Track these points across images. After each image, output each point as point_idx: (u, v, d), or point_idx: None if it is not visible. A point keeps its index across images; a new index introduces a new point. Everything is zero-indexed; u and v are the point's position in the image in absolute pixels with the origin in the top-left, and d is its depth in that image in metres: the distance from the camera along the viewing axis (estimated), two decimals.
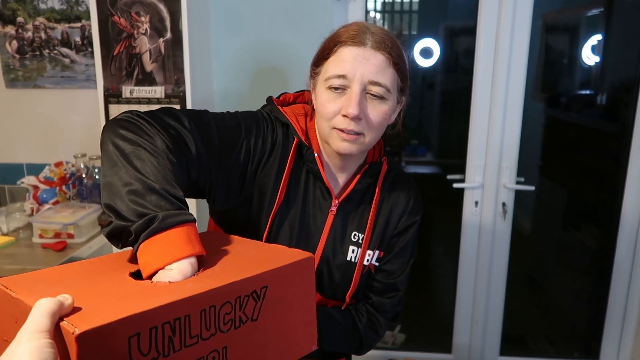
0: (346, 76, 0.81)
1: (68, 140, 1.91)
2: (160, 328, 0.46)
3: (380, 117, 0.84)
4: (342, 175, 0.96)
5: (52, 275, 0.56)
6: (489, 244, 1.97)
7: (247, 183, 0.87)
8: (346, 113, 0.81)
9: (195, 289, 0.51)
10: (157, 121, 0.73)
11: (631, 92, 1.86)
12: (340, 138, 0.84)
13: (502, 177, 1.89)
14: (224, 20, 1.77)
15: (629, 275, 1.95)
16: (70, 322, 0.42)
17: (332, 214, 0.93)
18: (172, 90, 1.59)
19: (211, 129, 0.81)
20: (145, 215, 0.59)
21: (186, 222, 0.61)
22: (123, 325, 0.43)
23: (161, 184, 0.62)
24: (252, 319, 0.56)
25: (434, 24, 2.20)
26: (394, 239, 1.00)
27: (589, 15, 2.08)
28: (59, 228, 1.54)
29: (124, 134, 0.68)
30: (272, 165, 0.88)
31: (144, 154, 0.66)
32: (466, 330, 2.09)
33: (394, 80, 0.84)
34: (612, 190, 2.00)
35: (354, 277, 0.96)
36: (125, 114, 0.73)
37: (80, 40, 1.84)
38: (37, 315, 0.42)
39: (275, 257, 0.64)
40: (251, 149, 0.86)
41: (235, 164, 0.84)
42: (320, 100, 0.85)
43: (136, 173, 0.63)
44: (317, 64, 0.88)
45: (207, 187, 0.82)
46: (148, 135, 0.69)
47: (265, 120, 0.90)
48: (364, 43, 0.81)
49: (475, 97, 1.84)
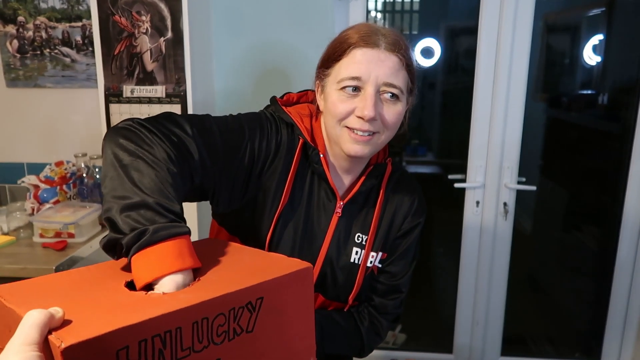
0: (361, 78, 0.81)
1: (69, 139, 1.91)
2: (150, 341, 0.45)
3: (395, 117, 0.84)
4: (348, 177, 0.95)
5: (47, 284, 0.55)
6: (490, 244, 1.96)
7: (251, 185, 0.86)
8: (362, 115, 0.81)
9: (187, 300, 0.50)
10: (159, 129, 0.72)
11: (632, 92, 1.86)
12: (352, 140, 0.83)
13: (504, 177, 1.89)
14: (225, 20, 1.77)
15: (630, 276, 1.94)
16: (58, 335, 0.42)
17: (337, 216, 0.93)
18: (173, 89, 1.59)
19: (213, 133, 0.80)
20: (137, 228, 0.59)
21: (178, 235, 0.60)
22: (111, 338, 0.42)
23: (156, 198, 0.62)
24: (247, 331, 0.55)
25: (435, 24, 2.20)
26: (397, 240, 0.99)
27: (591, 15, 2.07)
28: (60, 227, 1.54)
29: (124, 144, 0.67)
30: (277, 166, 0.87)
31: (143, 165, 0.65)
32: (467, 330, 2.09)
33: (406, 82, 0.84)
34: (613, 191, 2.00)
35: (357, 279, 0.95)
36: (127, 122, 0.73)
37: (81, 40, 1.84)
38: (27, 327, 0.41)
39: (273, 267, 0.62)
40: (255, 152, 0.85)
41: (240, 168, 0.84)
42: (332, 100, 0.84)
43: (132, 186, 0.62)
44: (327, 66, 0.87)
45: (211, 191, 0.82)
46: (148, 144, 0.69)
47: (269, 121, 0.89)
48: (378, 45, 0.81)
49: (476, 97, 1.84)
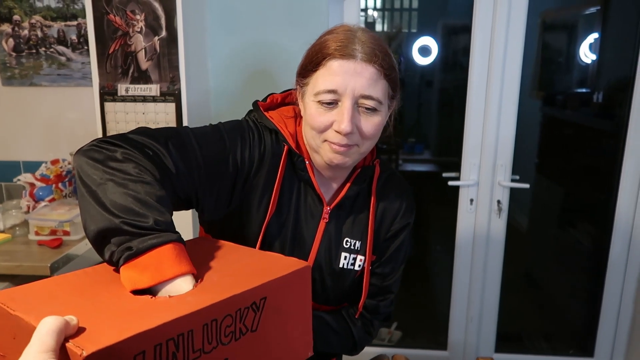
0: (337, 91, 0.79)
1: (64, 138, 1.92)
2: (164, 345, 0.47)
3: (374, 128, 0.82)
4: (334, 181, 0.94)
5: (48, 289, 0.55)
6: (484, 242, 1.97)
7: (235, 195, 0.85)
8: (338, 129, 0.79)
9: (197, 303, 0.51)
10: (132, 144, 0.71)
11: (626, 90, 1.86)
12: (332, 150, 0.82)
13: (497, 174, 1.90)
14: (220, 19, 1.78)
15: (623, 272, 1.96)
16: (76, 343, 0.42)
17: (325, 222, 0.92)
18: (168, 88, 1.60)
19: (191, 146, 0.78)
20: (113, 255, 0.60)
21: (152, 246, 0.59)
22: (129, 344, 0.44)
23: (124, 217, 0.61)
24: (251, 330, 0.57)
25: (433, 22, 2.20)
26: (386, 242, 0.99)
27: (587, 14, 2.08)
28: (55, 225, 1.55)
29: (88, 170, 0.67)
30: (262, 174, 0.86)
31: (111, 187, 0.64)
32: (461, 327, 2.10)
33: (385, 91, 0.82)
34: (607, 189, 2.00)
35: (364, 285, 0.95)
36: (93, 142, 0.73)
37: (77, 39, 1.84)
38: (43, 334, 0.41)
39: (273, 267, 0.64)
40: (238, 162, 0.84)
41: (223, 179, 0.82)
42: (310, 112, 0.83)
43: (102, 211, 0.62)
44: (305, 75, 0.85)
45: (194, 200, 0.81)
46: (119, 160, 0.67)
47: (251, 130, 0.87)
48: (354, 56, 0.78)
49: (470, 95, 1.85)
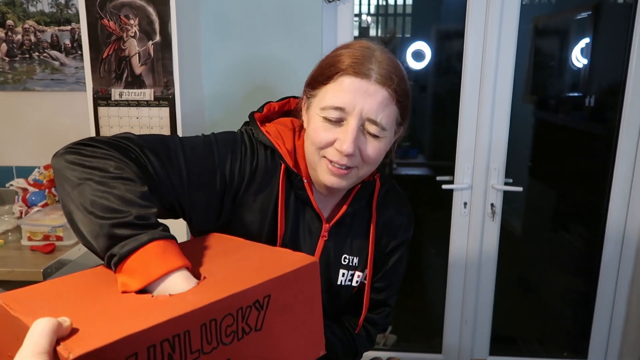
0: (345, 109, 0.76)
1: (58, 142, 1.85)
2: (159, 346, 0.45)
3: (376, 153, 0.79)
4: (333, 198, 0.92)
5: (50, 291, 0.55)
6: (477, 245, 1.98)
7: (225, 209, 0.82)
8: (340, 149, 0.76)
9: (194, 302, 0.50)
10: (112, 145, 0.68)
11: (617, 94, 1.89)
12: (329, 171, 0.79)
13: (491, 178, 1.91)
14: (214, 24, 1.78)
15: (615, 275, 1.97)
16: (66, 346, 0.42)
17: (324, 240, 0.89)
18: (162, 92, 1.60)
19: (176, 158, 0.75)
20: (105, 252, 0.59)
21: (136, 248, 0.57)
22: (119, 346, 0.42)
23: (107, 222, 0.58)
24: (255, 329, 0.55)
25: (426, 27, 2.22)
26: (385, 257, 0.98)
27: (578, 19, 2.10)
28: (48, 230, 1.54)
29: (69, 168, 0.65)
30: (252, 191, 0.83)
31: (88, 188, 0.61)
32: (456, 330, 2.10)
33: (393, 117, 0.79)
34: (599, 191, 2.02)
35: (365, 300, 0.94)
36: (70, 144, 0.70)
37: (70, 43, 1.84)
38: (36, 336, 0.41)
39: (278, 263, 0.61)
40: (226, 177, 0.80)
41: (210, 193, 0.79)
42: (314, 126, 0.79)
43: (86, 214, 0.59)
44: (314, 87, 0.81)
45: (179, 211, 0.77)
46: (97, 158, 0.65)
47: (244, 144, 0.83)
48: (368, 75, 0.75)
49: (463, 99, 1.86)
